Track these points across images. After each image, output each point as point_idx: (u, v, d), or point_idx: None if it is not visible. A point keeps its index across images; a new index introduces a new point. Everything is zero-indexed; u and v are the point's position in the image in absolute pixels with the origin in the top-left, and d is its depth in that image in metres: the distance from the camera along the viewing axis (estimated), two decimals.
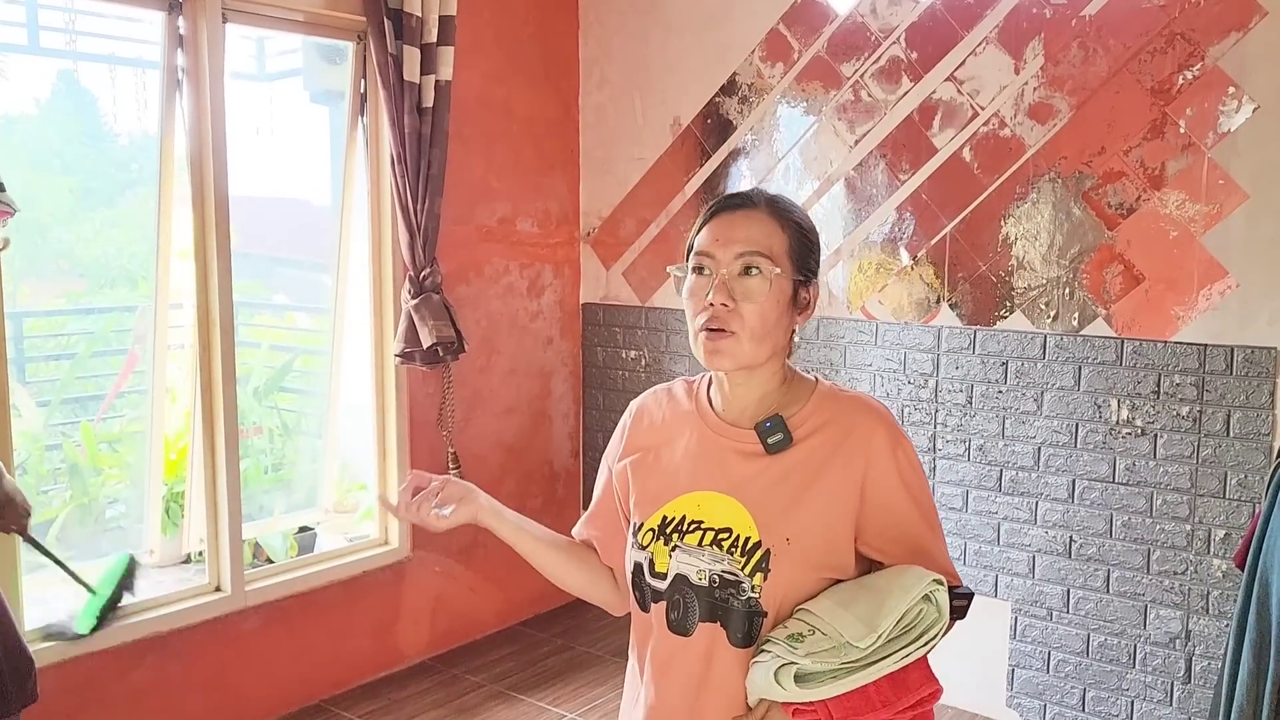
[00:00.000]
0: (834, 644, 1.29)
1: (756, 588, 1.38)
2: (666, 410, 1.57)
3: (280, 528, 3.93)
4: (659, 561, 1.45)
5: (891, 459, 1.41)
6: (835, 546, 1.40)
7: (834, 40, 3.69)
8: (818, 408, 1.45)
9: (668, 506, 1.47)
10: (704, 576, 1.41)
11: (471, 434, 4.08)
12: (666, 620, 1.45)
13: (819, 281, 1.49)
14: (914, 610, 1.31)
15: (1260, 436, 2.98)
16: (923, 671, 1.34)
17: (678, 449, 1.51)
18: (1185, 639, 3.13)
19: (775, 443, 1.41)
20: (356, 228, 3.81)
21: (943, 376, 3.54)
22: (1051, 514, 3.34)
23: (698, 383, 1.56)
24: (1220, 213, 3.02)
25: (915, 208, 3.56)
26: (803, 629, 1.32)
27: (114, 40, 3.70)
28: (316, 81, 4.14)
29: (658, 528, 1.46)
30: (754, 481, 1.42)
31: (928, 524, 1.44)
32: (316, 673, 3.64)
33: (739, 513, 1.41)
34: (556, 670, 3.89)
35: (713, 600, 1.40)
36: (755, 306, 1.40)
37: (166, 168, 3.24)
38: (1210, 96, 3.01)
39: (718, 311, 1.40)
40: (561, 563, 1.63)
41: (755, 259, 1.40)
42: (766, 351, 1.42)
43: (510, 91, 4.12)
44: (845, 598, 1.35)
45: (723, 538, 1.41)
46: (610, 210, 4.37)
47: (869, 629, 1.28)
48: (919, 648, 1.31)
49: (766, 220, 1.43)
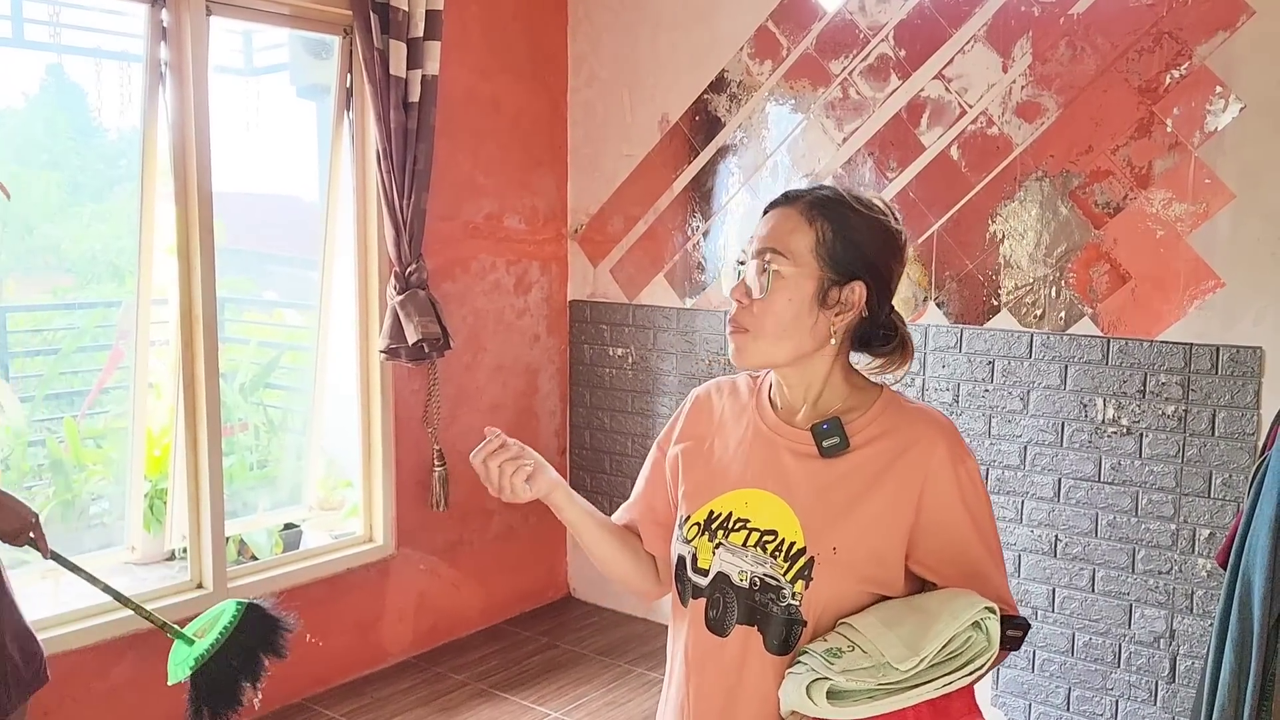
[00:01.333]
0: (873, 663, 1.24)
1: (797, 595, 1.34)
2: (726, 402, 1.53)
3: (265, 525, 3.91)
4: (702, 557, 1.42)
5: (952, 476, 1.36)
6: (884, 561, 1.36)
7: (823, 38, 3.68)
8: (880, 415, 1.40)
9: (715, 501, 1.44)
10: (745, 578, 1.38)
11: (457, 431, 4.06)
12: (705, 618, 1.42)
13: (866, 282, 1.40)
14: (962, 636, 1.25)
15: (1245, 436, 2.97)
16: (966, 701, 1.29)
17: (730, 442, 1.48)
18: (1170, 638, 3.13)
19: (831, 446, 1.37)
20: (342, 223, 3.80)
21: (930, 375, 3.53)
22: (1037, 513, 3.34)
23: (762, 378, 1.52)
24: (1207, 212, 3.01)
25: (903, 206, 3.55)
26: (842, 644, 1.27)
27: (99, 34, 3.67)
28: (303, 76, 4.12)
29: (703, 522, 1.43)
30: (805, 484, 1.39)
31: (986, 547, 1.38)
32: (299, 671, 3.61)
33: (787, 515, 1.37)
34: (540, 669, 3.88)
35: (752, 603, 1.37)
36: (765, 304, 1.37)
37: (150, 162, 3.22)
38: (1197, 96, 3.00)
39: (735, 309, 1.40)
40: (614, 549, 1.58)
41: (768, 255, 1.38)
42: (787, 350, 1.39)
43: (498, 87, 4.11)
44: (891, 616, 1.30)
45: (768, 540, 1.37)
46: (598, 207, 4.36)
47: (911, 651, 1.23)
48: (963, 676, 1.25)
49: (795, 217, 1.39)
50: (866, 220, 1.40)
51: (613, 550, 1.58)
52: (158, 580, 3.38)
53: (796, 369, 1.42)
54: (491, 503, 4.19)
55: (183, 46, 3.17)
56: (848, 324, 1.40)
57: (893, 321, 1.45)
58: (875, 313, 1.42)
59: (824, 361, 1.41)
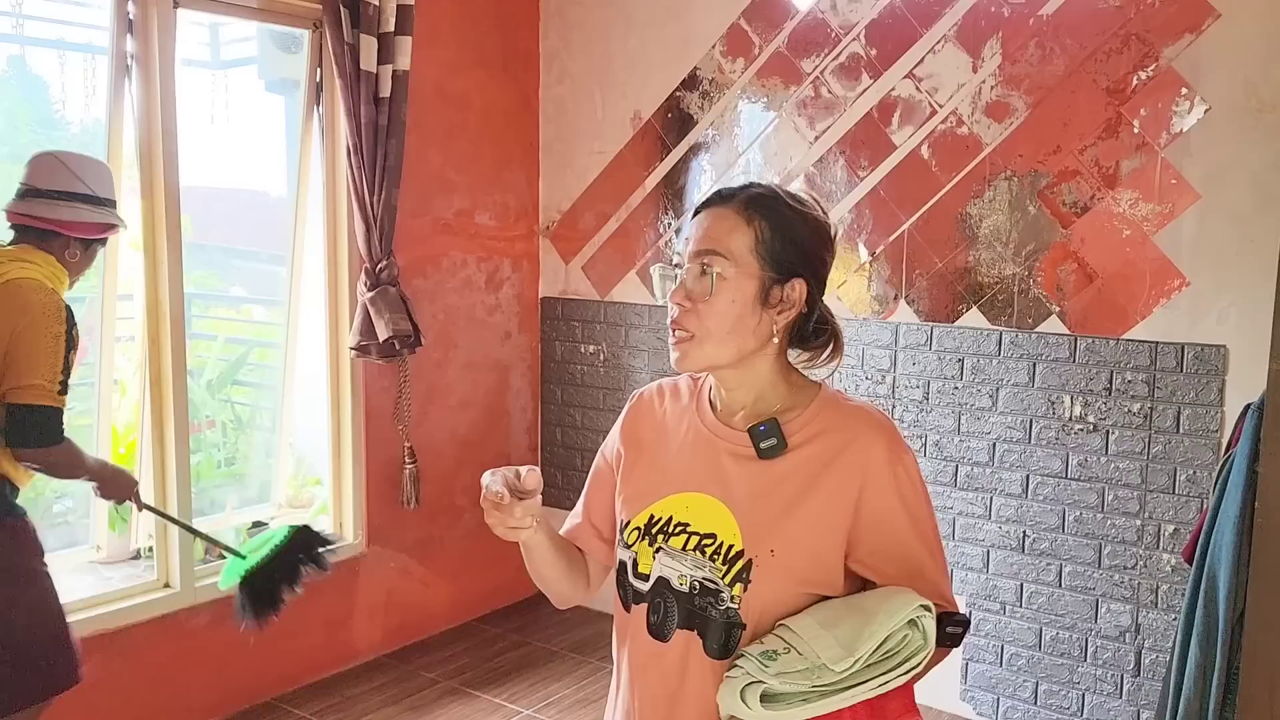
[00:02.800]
0: (808, 665, 1.22)
1: (736, 598, 1.33)
2: (667, 405, 1.52)
3: (233, 523, 3.87)
4: (643, 562, 1.41)
5: (890, 474, 1.35)
6: (823, 562, 1.34)
7: (795, 36, 3.69)
8: (817, 414, 1.39)
9: (655, 506, 1.42)
10: (685, 582, 1.36)
11: (428, 428, 4.04)
12: (647, 623, 1.41)
13: (805, 279, 1.39)
14: (898, 635, 1.24)
15: (1209, 433, 3.02)
16: (903, 701, 1.28)
17: (672, 446, 1.46)
18: (1135, 632, 3.17)
19: (768, 448, 1.36)
20: (312, 219, 3.76)
21: (900, 372, 3.56)
22: (1005, 509, 3.37)
23: (702, 380, 1.51)
24: (1172, 212, 3.05)
25: (874, 204, 3.58)
26: (779, 646, 1.26)
27: (63, 25, 3.62)
28: (272, 70, 4.07)
29: (644, 527, 1.42)
30: (744, 487, 1.37)
31: (925, 545, 1.37)
32: (268, 670, 3.59)
33: (726, 518, 1.36)
34: (512, 666, 3.87)
35: (692, 607, 1.36)
36: (708, 306, 1.35)
37: (115, 155, 3.17)
38: (1164, 97, 3.04)
39: (674, 313, 1.37)
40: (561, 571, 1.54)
41: (708, 258, 1.36)
42: (731, 352, 1.37)
43: (469, 83, 4.09)
44: (829, 617, 1.29)
45: (707, 543, 1.36)
46: (570, 204, 4.35)
47: (847, 652, 1.22)
48: (899, 675, 1.24)
49: (732, 216, 1.37)
50: (801, 216, 1.40)
51: (558, 572, 1.53)
52: (123, 579, 3.34)
53: (738, 370, 1.40)
54: (461, 500, 4.17)
55: (149, 39, 3.13)
56: (789, 321, 1.39)
57: (824, 316, 1.44)
58: (813, 308, 1.42)
59: (765, 361, 1.40)
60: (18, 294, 2.38)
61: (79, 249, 2.55)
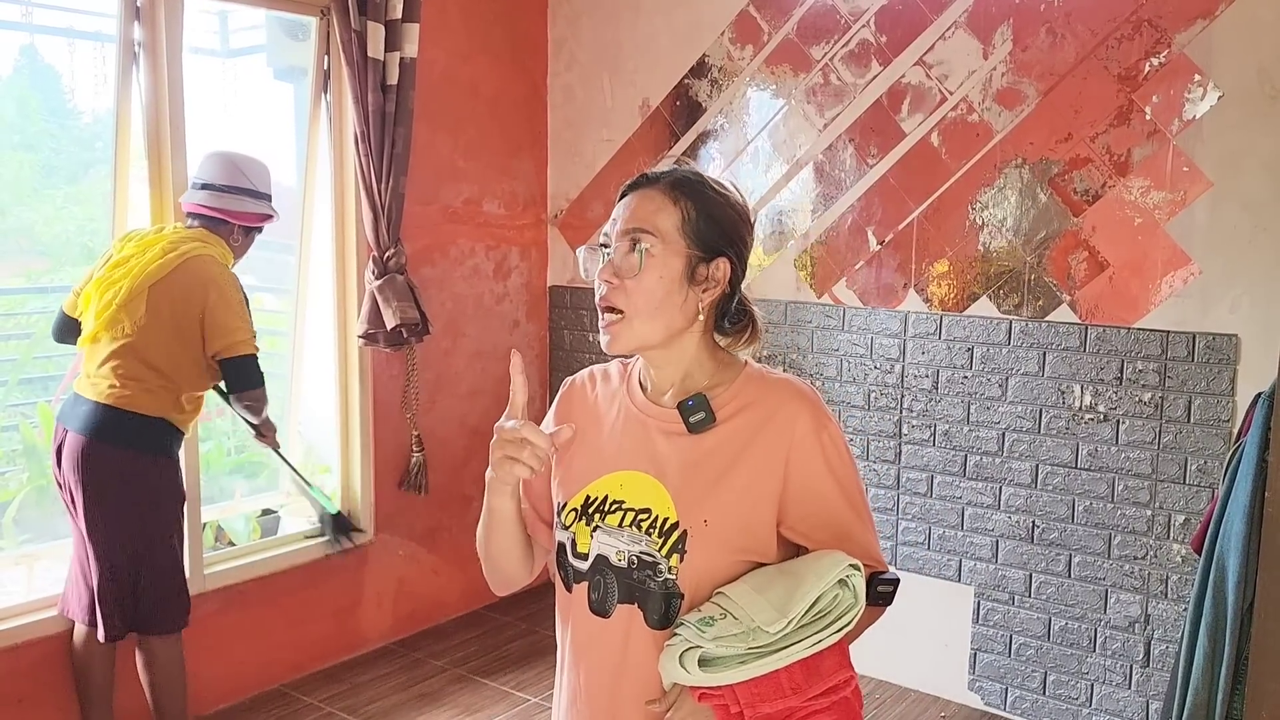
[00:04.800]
0: (744, 629, 1.27)
1: (673, 569, 1.37)
2: (598, 389, 1.55)
3: (242, 510, 3.89)
4: (581, 542, 1.44)
5: (816, 442, 1.39)
6: (755, 530, 1.38)
7: (804, 23, 3.67)
8: (743, 388, 1.43)
9: (591, 486, 1.45)
10: (623, 557, 1.39)
11: (436, 416, 4.05)
12: (588, 601, 1.44)
13: (729, 259, 1.42)
14: (829, 595, 1.29)
15: (1220, 423, 3.00)
16: (838, 658, 1.31)
17: (604, 428, 1.50)
18: (1145, 623, 3.16)
19: (697, 422, 1.40)
20: (320, 207, 3.76)
21: (909, 362, 3.54)
22: (1015, 499, 3.36)
23: (632, 363, 1.55)
24: (1184, 200, 3.03)
25: (883, 192, 3.56)
26: (715, 613, 1.30)
27: (72, 13, 3.61)
28: (280, 58, 4.07)
29: (580, 507, 1.45)
30: (675, 461, 1.41)
31: (853, 508, 1.42)
32: (277, 657, 3.60)
33: (659, 493, 1.39)
34: (520, 654, 3.88)
35: (631, 581, 1.39)
36: (636, 283, 1.38)
37: (123, 144, 3.18)
38: (1176, 83, 3.01)
39: (603, 290, 1.40)
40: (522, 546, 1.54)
41: (637, 235, 1.39)
42: (660, 330, 1.40)
43: (477, 70, 4.08)
44: (762, 582, 1.33)
45: (642, 518, 1.39)
46: (578, 192, 4.34)
47: (780, 614, 1.26)
48: (832, 634, 1.29)
49: (658, 197, 1.42)
50: (724, 199, 1.45)
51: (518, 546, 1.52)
52: None
53: (667, 350, 1.43)
54: (470, 488, 4.18)
55: (156, 26, 3.13)
56: (713, 300, 1.43)
57: (744, 299, 1.49)
58: (735, 289, 1.46)
59: (692, 340, 1.44)
60: (200, 269, 2.88)
61: (241, 235, 3.04)
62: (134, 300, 2.83)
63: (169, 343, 2.85)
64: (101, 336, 2.85)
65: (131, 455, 2.85)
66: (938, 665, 3.55)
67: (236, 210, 2.98)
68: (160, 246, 2.88)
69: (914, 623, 3.52)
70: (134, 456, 2.85)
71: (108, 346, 2.84)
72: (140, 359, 2.83)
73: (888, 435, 3.59)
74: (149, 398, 2.84)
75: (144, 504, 2.86)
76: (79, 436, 2.82)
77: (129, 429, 2.83)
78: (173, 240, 2.91)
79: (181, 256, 2.87)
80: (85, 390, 2.86)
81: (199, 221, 2.99)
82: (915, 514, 3.56)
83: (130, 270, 2.85)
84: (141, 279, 2.83)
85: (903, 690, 3.59)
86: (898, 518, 3.60)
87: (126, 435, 2.83)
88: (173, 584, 2.94)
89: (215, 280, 2.88)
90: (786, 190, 3.76)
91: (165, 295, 2.84)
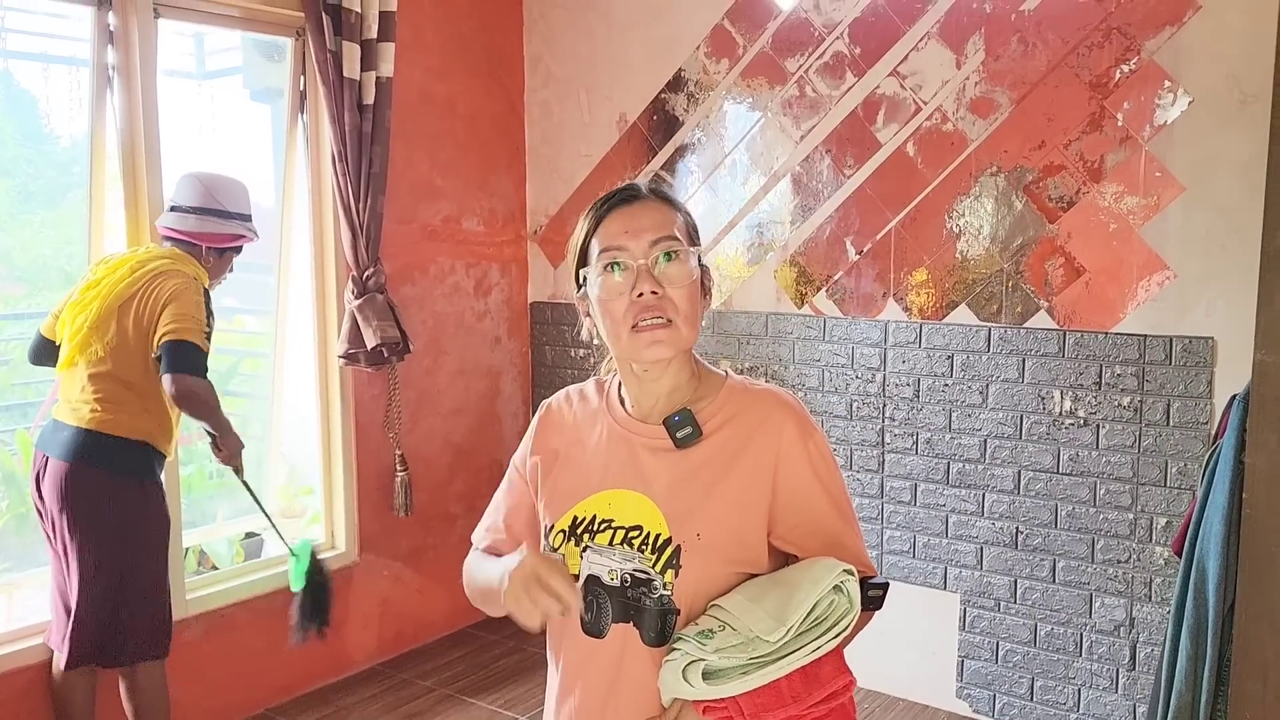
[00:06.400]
0: (743, 639, 1.27)
1: (668, 585, 1.36)
2: (577, 409, 1.53)
3: (225, 534, 3.86)
4: (570, 563, 1.41)
5: (803, 451, 1.39)
6: (747, 540, 1.38)
7: (778, 36, 3.69)
8: (727, 401, 1.42)
9: (578, 507, 1.44)
10: (615, 576, 1.38)
11: (419, 435, 4.03)
12: (581, 623, 1.42)
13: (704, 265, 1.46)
14: (824, 602, 1.29)
15: (1199, 425, 3.02)
16: (835, 664, 1.32)
17: (588, 448, 1.48)
18: (1129, 626, 3.17)
19: (684, 437, 1.39)
20: (298, 228, 3.76)
21: (890, 371, 3.55)
22: (998, 505, 3.37)
23: (609, 381, 1.53)
24: (1158, 205, 3.06)
25: (861, 202, 3.57)
26: (713, 625, 1.30)
27: (45, 38, 3.60)
28: (256, 79, 4.06)
29: (568, 528, 1.43)
30: (664, 477, 1.40)
31: (841, 515, 1.42)
32: (262, 681, 3.58)
33: (649, 509, 1.38)
34: (508, 672, 3.86)
35: (625, 600, 1.38)
36: (683, 290, 1.37)
37: (98, 168, 3.17)
38: (1147, 90, 3.04)
39: (649, 301, 1.36)
40: None
41: (672, 243, 1.38)
42: (696, 335, 1.40)
43: (453, 88, 4.08)
44: (756, 592, 1.33)
45: (633, 536, 1.38)
46: (557, 208, 4.35)
47: (778, 623, 1.26)
48: (829, 640, 1.29)
49: (660, 206, 1.42)
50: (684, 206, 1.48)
51: None
52: None
53: (676, 360, 1.42)
54: (455, 507, 4.16)
55: (130, 50, 3.12)
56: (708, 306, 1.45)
57: None
58: None
59: (689, 351, 1.45)
60: (166, 277, 2.85)
61: (214, 256, 3.02)
62: (103, 321, 2.81)
63: (141, 360, 2.82)
64: (78, 360, 2.83)
65: (116, 479, 2.82)
66: (926, 674, 3.55)
67: (202, 232, 2.96)
68: (128, 265, 2.87)
69: (901, 631, 3.52)
70: (118, 480, 2.82)
71: (84, 370, 2.82)
72: (118, 381, 2.81)
73: (871, 444, 3.60)
74: (130, 420, 2.82)
75: (129, 529, 2.83)
76: (60, 463, 2.78)
77: (111, 453, 2.81)
78: (141, 259, 2.89)
79: (148, 274, 2.84)
80: (65, 416, 2.83)
81: (171, 244, 2.98)
82: (900, 522, 3.57)
83: (100, 291, 2.84)
84: (110, 299, 2.82)
85: (891, 700, 3.59)
86: (882, 526, 3.60)
87: (109, 459, 2.81)
88: (157, 611, 2.90)
89: (177, 287, 2.82)
90: (765, 202, 3.77)
91: (131, 313, 2.81)
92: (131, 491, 2.84)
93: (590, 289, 1.40)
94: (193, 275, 2.89)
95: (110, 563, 2.80)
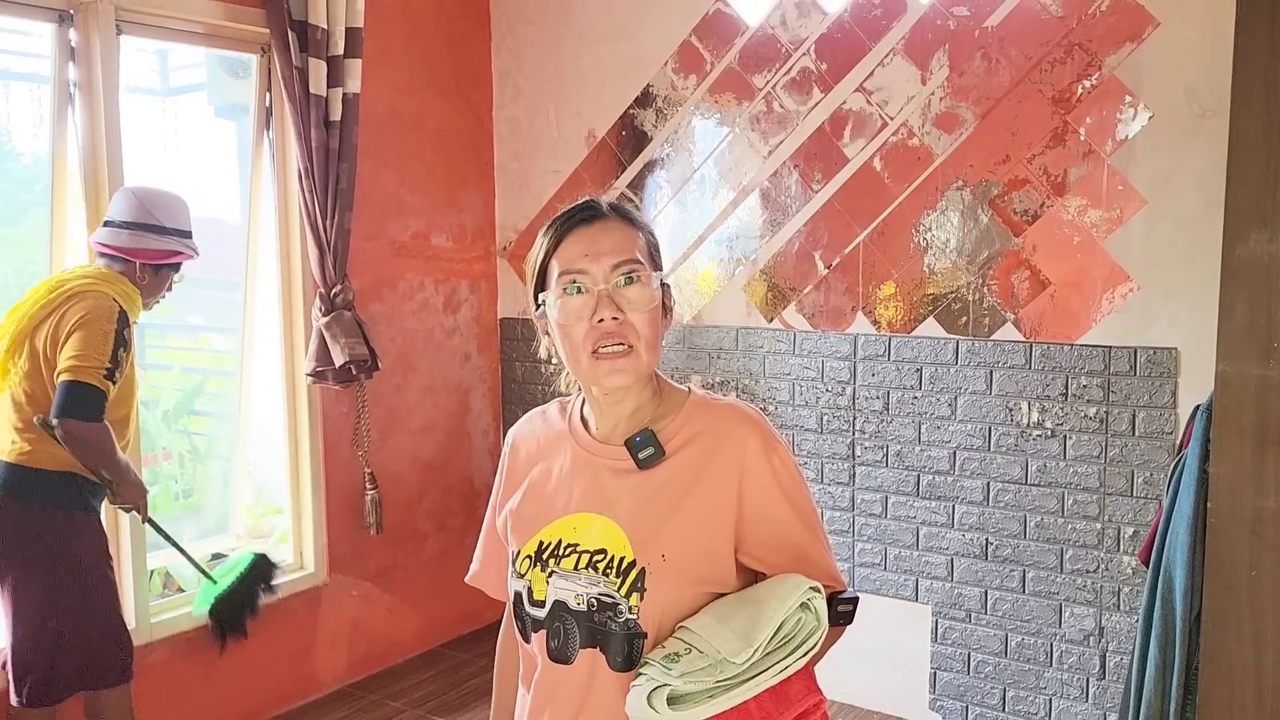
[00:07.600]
0: (710, 661, 1.24)
1: (634, 608, 1.33)
2: (541, 434, 1.51)
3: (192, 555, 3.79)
4: (537, 589, 1.40)
5: (767, 465, 1.37)
6: (714, 559, 1.35)
7: (745, 52, 3.71)
8: (690, 418, 1.40)
9: (543, 532, 1.42)
10: (581, 601, 1.35)
11: (389, 453, 4.00)
12: (547, 649, 1.39)
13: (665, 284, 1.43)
14: (792, 620, 1.27)
15: (1164, 435, 3.05)
16: (805, 683, 1.29)
17: (552, 472, 1.46)
18: (1099, 635, 3.19)
19: (646, 457, 1.37)
20: (265, 245, 3.72)
21: (860, 384, 3.57)
22: (968, 517, 3.39)
23: (571, 402, 1.51)
24: (1121, 218, 3.09)
25: (829, 217, 3.59)
26: (680, 648, 1.27)
27: (5, 54, 3.56)
28: (221, 96, 4.03)
29: (534, 554, 1.41)
30: (627, 499, 1.37)
31: (808, 529, 1.39)
32: (230, 705, 3.52)
33: (614, 532, 1.36)
34: (480, 691, 3.82)
35: (592, 624, 1.35)
36: (645, 315, 1.35)
37: (60, 186, 3.13)
38: (1108, 105, 3.09)
39: (610, 327, 1.33)
40: None
41: (634, 267, 1.35)
42: (658, 359, 1.38)
43: (421, 104, 4.07)
44: (724, 612, 1.30)
45: (598, 559, 1.36)
46: (526, 224, 4.34)
47: (745, 643, 1.24)
48: (798, 659, 1.27)
49: (624, 227, 1.38)
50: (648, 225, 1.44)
51: None
52: None
53: (643, 381, 1.40)
54: (425, 525, 4.13)
55: (92, 66, 3.09)
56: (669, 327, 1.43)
57: None
58: None
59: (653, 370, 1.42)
60: (79, 299, 2.68)
61: (148, 273, 2.86)
62: (17, 345, 2.69)
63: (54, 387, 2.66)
64: (2, 387, 2.71)
65: (45, 514, 2.69)
66: (899, 686, 3.56)
67: (135, 247, 2.81)
68: (47, 285, 2.73)
69: (874, 644, 3.53)
70: (48, 515, 2.69)
71: (7, 397, 2.70)
72: (38, 407, 2.67)
73: (841, 457, 3.61)
74: (52, 451, 2.66)
75: (63, 565, 2.69)
76: None
77: (37, 487, 2.68)
78: (62, 278, 2.74)
79: (63, 294, 2.68)
80: None
81: (104, 260, 2.83)
82: (871, 535, 3.57)
83: (17, 314, 2.71)
84: (25, 322, 2.68)
85: (865, 713, 3.59)
86: (854, 539, 3.61)
87: (36, 494, 2.69)
88: (105, 638, 2.77)
89: (86, 314, 2.63)
90: (734, 217, 3.79)
91: (42, 335, 2.66)
92: (61, 525, 2.70)
93: (549, 311, 1.38)
94: (112, 297, 2.71)
95: (42, 600, 2.67)
